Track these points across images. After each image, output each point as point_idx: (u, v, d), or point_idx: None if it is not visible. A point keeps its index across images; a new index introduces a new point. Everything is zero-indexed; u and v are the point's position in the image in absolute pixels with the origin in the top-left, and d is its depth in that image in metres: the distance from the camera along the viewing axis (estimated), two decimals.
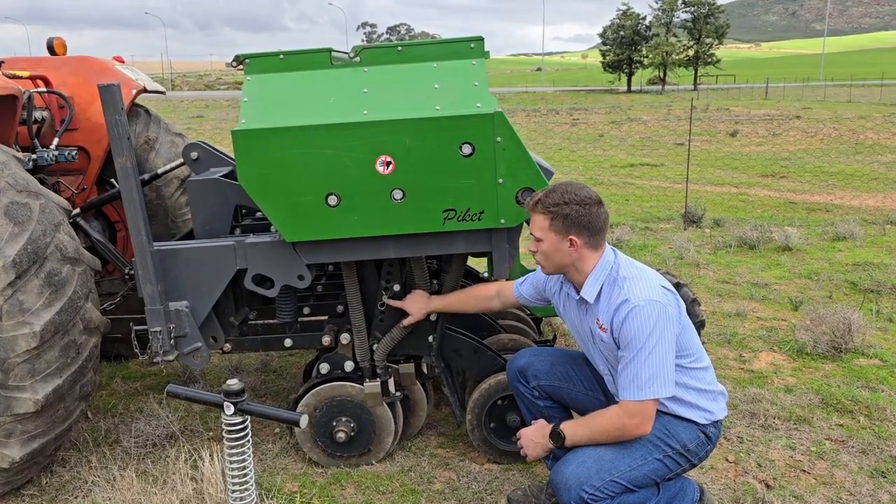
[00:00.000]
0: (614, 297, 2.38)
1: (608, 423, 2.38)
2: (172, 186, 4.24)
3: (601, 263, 2.45)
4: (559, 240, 2.41)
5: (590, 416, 2.46)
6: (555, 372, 2.77)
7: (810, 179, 11.61)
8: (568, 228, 2.39)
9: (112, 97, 2.58)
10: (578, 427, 2.47)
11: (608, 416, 2.39)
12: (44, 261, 2.69)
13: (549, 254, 2.46)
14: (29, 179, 2.80)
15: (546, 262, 2.50)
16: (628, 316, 2.31)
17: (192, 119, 27.23)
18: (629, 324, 2.30)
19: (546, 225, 2.42)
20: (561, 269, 2.50)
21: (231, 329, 3.14)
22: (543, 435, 2.55)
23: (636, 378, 2.30)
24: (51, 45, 4.15)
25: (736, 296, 5.48)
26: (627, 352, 2.32)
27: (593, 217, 2.39)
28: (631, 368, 2.31)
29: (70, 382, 2.80)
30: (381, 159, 2.65)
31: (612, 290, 2.40)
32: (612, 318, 2.37)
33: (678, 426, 2.43)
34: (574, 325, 2.64)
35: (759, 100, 41.44)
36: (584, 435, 2.43)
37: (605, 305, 2.42)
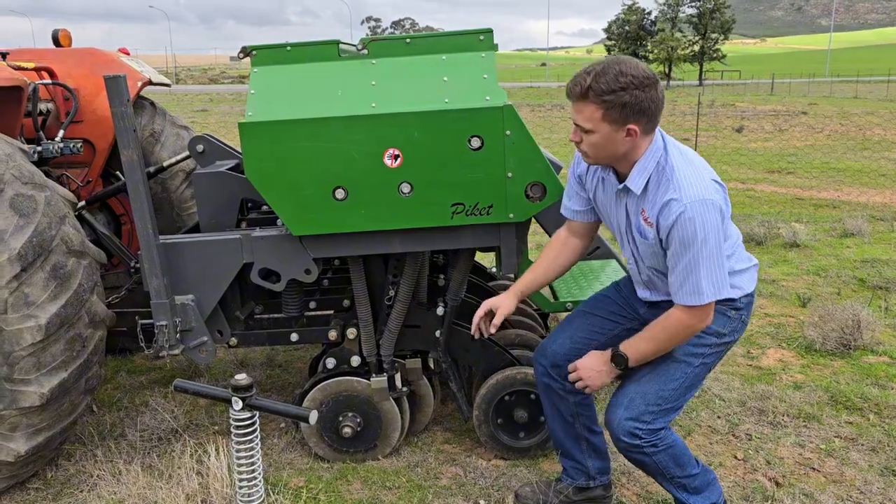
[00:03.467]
0: (662, 191, 2.18)
1: (672, 331, 2.26)
2: (178, 179, 4.23)
3: (650, 150, 2.20)
4: (614, 130, 2.13)
5: (649, 329, 2.31)
6: (576, 342, 2.59)
7: (817, 175, 11.55)
8: (626, 118, 2.11)
9: (118, 89, 2.56)
10: (640, 343, 2.32)
11: (670, 324, 2.26)
12: (49, 253, 2.67)
13: (600, 145, 2.18)
14: (34, 171, 2.78)
15: (595, 154, 2.23)
16: (680, 218, 2.11)
17: (197, 112, 27.21)
18: (681, 226, 2.12)
19: (599, 115, 2.12)
20: (612, 160, 2.25)
21: (237, 323, 3.12)
22: (604, 361, 2.39)
23: (696, 283, 2.16)
24: (56, 36, 4.13)
25: None
26: (681, 255, 2.15)
27: (654, 101, 2.11)
28: (687, 272, 2.16)
29: (75, 376, 2.78)
30: (389, 152, 2.63)
31: (661, 181, 2.19)
32: (658, 215, 2.18)
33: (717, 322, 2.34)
34: (605, 207, 2.45)
35: (765, 95, 41.28)
36: (649, 349, 2.31)
37: (652, 198, 2.21)
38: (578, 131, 2.21)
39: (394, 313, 3.03)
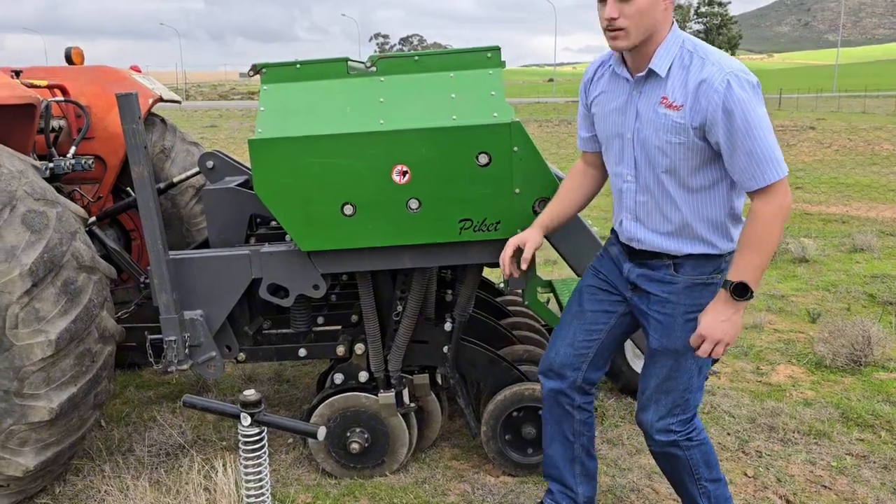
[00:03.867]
0: (694, 70, 2.07)
1: (773, 224, 2.06)
2: (188, 195, 4.26)
3: (672, 33, 2.13)
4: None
5: (746, 240, 2.09)
6: (577, 347, 2.49)
7: (826, 190, 11.52)
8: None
9: (130, 106, 2.59)
10: (748, 260, 2.08)
11: (763, 220, 2.06)
12: (60, 269, 2.69)
13: (645, 12, 2.05)
14: (46, 188, 2.81)
15: (637, 25, 2.07)
16: (730, 87, 2.00)
17: (206, 128, 27.39)
18: (733, 95, 2.00)
19: None
20: (648, 32, 2.10)
21: (245, 338, 3.13)
22: (726, 305, 2.11)
23: (772, 154, 2.02)
24: (69, 54, 4.18)
25: (752, 308, 5.42)
26: (744, 130, 2.01)
27: None
28: (759, 147, 2.01)
29: (85, 391, 2.79)
30: (398, 169, 2.65)
31: (690, 63, 2.09)
32: (693, 95, 2.05)
33: (704, 295, 2.23)
34: (606, 121, 2.32)
35: (773, 110, 41.24)
36: (760, 260, 2.08)
37: (679, 80, 2.09)
38: (615, 4, 2.06)
39: (401, 329, 3.04)
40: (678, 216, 2.21)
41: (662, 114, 2.12)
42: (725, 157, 2.09)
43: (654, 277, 2.30)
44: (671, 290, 2.27)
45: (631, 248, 2.36)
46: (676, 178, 2.18)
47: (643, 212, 2.28)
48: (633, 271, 2.36)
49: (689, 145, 2.11)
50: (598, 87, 2.35)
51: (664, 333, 2.30)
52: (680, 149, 2.13)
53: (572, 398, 2.54)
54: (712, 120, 2.04)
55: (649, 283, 2.32)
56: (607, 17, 2.08)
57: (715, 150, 2.12)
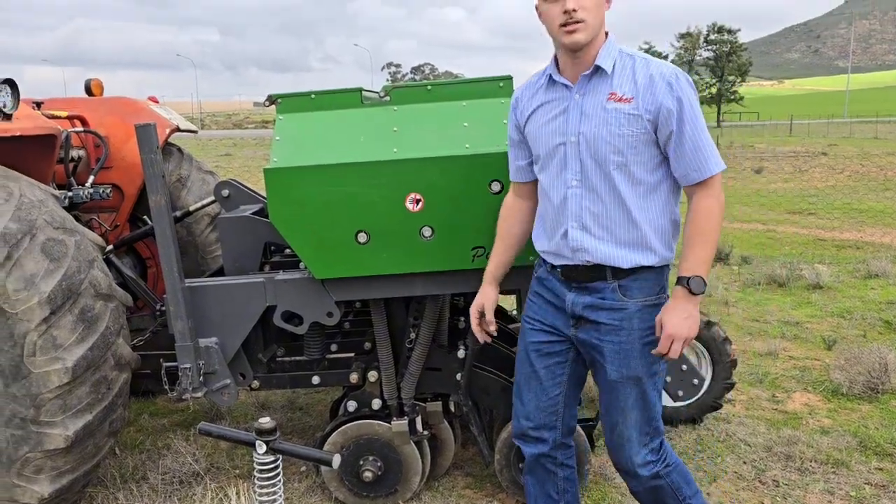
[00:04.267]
0: (640, 67, 2.16)
1: (714, 215, 2.15)
2: (203, 223, 4.30)
3: (610, 38, 2.21)
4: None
5: (692, 235, 2.15)
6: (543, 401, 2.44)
7: (839, 216, 11.47)
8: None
9: (148, 137, 2.64)
10: (696, 254, 2.14)
11: (705, 212, 2.15)
12: (78, 297, 2.72)
13: (599, 5, 2.13)
14: (65, 217, 2.85)
15: (592, 20, 2.11)
16: (678, 78, 2.12)
17: (221, 157, 27.70)
18: (682, 86, 2.11)
19: None
20: (598, 30, 2.16)
21: (259, 366, 3.14)
22: (683, 301, 2.14)
23: (711, 149, 2.14)
24: (88, 86, 4.27)
25: (767, 335, 5.38)
26: (690, 121, 2.11)
27: None
28: (700, 140, 2.12)
29: (100, 418, 2.80)
30: (411, 197, 2.67)
31: (634, 62, 2.17)
32: (644, 86, 2.12)
33: (655, 316, 2.21)
34: (541, 130, 2.29)
35: (784, 136, 41.24)
36: (707, 252, 2.15)
37: (626, 77, 2.16)
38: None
39: (414, 356, 3.04)
40: (626, 219, 2.20)
41: (612, 108, 2.15)
42: (672, 149, 2.15)
43: (602, 306, 2.25)
44: (622, 316, 2.23)
45: (569, 272, 2.30)
46: (626, 174, 2.18)
47: (590, 217, 2.23)
48: (577, 302, 2.29)
49: (640, 137, 2.15)
50: (534, 103, 2.34)
51: (623, 363, 2.25)
52: (631, 141, 2.15)
53: (555, 457, 2.50)
54: (667, 111, 2.11)
55: (597, 313, 2.26)
56: (569, 9, 2.09)
57: (660, 149, 2.19)
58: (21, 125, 2.84)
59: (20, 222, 2.64)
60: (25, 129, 2.86)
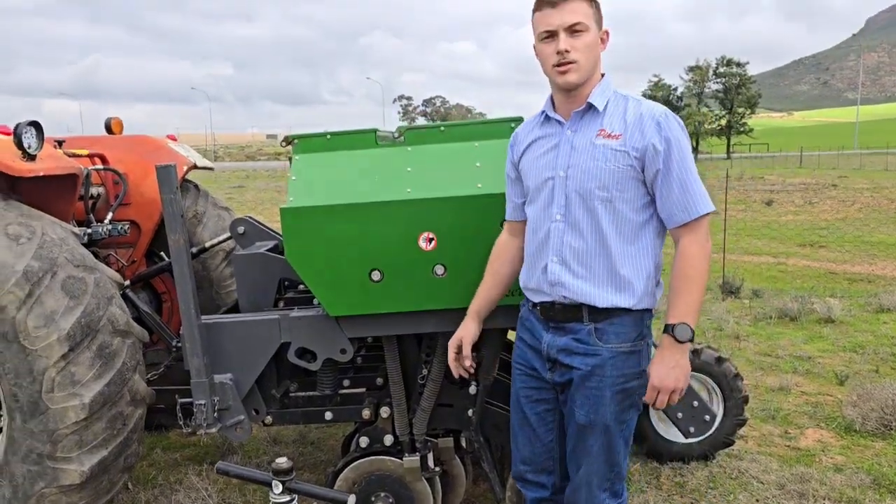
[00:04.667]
0: (632, 106, 2.20)
1: (700, 259, 2.13)
2: (218, 259, 4.36)
3: (605, 78, 2.26)
4: (597, 32, 2.19)
5: (678, 281, 2.14)
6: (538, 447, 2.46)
7: (850, 249, 11.44)
8: (600, 19, 2.20)
9: (168, 177, 2.70)
10: (683, 300, 2.12)
11: (691, 257, 2.13)
12: (96, 333, 2.77)
13: (591, 47, 2.16)
14: (85, 254, 2.91)
15: (586, 60, 2.16)
16: (667, 118, 2.15)
17: (234, 189, 27.96)
18: (671, 125, 2.14)
19: (590, 12, 2.16)
20: (592, 70, 2.20)
21: (273, 401, 3.17)
22: (670, 351, 2.13)
23: (699, 189, 2.14)
24: (108, 124, 4.37)
25: (778, 369, 5.37)
26: (678, 161, 2.12)
27: None
28: (687, 180, 2.13)
29: (115, 454, 2.84)
30: (424, 236, 2.72)
31: (627, 102, 2.22)
32: (633, 124, 2.15)
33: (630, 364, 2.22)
34: (535, 165, 2.33)
35: (794, 168, 41.26)
36: (694, 298, 2.12)
37: (616, 115, 2.20)
38: (567, 38, 2.14)
39: (427, 392, 3.06)
40: (606, 257, 2.19)
41: (601, 144, 2.19)
42: (659, 188, 2.16)
43: (576, 350, 2.24)
44: (596, 362, 2.22)
45: (547, 311, 2.30)
46: (610, 210, 2.18)
47: (570, 253, 2.23)
48: (552, 345, 2.30)
49: (626, 173, 2.16)
50: (528, 139, 2.40)
51: (592, 408, 2.23)
52: (616, 176, 2.17)
53: (558, 500, 2.49)
54: (654, 149, 2.13)
55: (571, 357, 2.26)
56: (561, 50, 2.15)
57: (647, 188, 2.19)
58: (45, 165, 2.91)
59: (42, 260, 2.71)
60: (49, 169, 2.93)
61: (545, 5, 2.17)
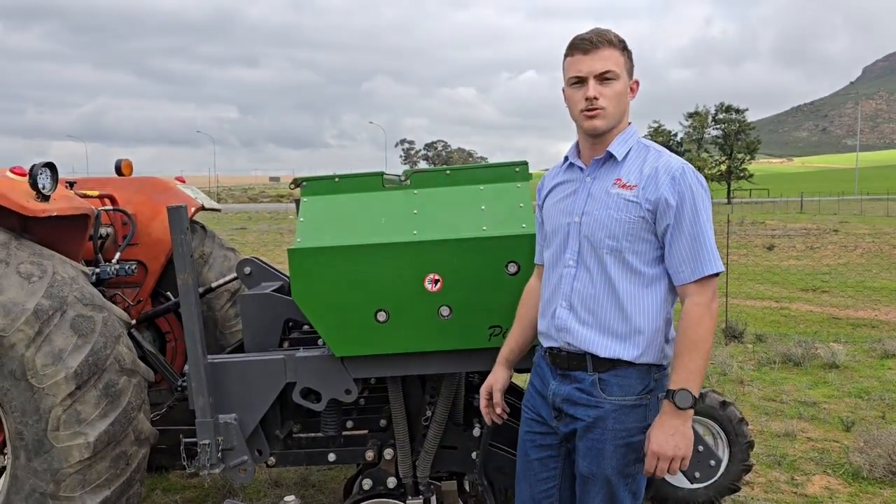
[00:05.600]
0: (651, 158, 2.19)
1: (704, 321, 2.08)
2: (223, 299, 4.39)
3: (631, 127, 2.26)
4: (627, 81, 2.20)
5: (680, 343, 2.10)
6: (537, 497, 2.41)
7: (853, 294, 11.44)
8: (632, 68, 2.21)
9: (179, 218, 2.75)
10: (684, 364, 2.07)
11: (694, 318, 2.09)
12: (103, 372, 2.78)
13: (620, 96, 2.18)
14: (94, 293, 2.94)
15: (614, 109, 2.18)
16: (684, 173, 2.12)
17: (236, 231, 28.09)
18: (687, 180, 2.11)
19: (622, 61, 2.17)
20: (620, 118, 2.21)
21: (276, 442, 3.16)
22: (670, 417, 2.07)
23: (711, 249, 2.09)
24: (118, 166, 4.44)
25: (783, 415, 5.33)
26: (691, 218, 2.10)
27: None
28: (699, 238, 2.09)
29: (118, 494, 2.82)
30: (430, 277, 2.75)
31: (648, 153, 2.21)
32: (648, 177, 2.14)
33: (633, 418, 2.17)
34: (555, 210, 2.35)
35: (795, 213, 41.45)
36: (697, 362, 2.07)
37: (634, 165, 2.19)
38: (596, 85, 2.15)
39: (430, 434, 3.05)
40: (614, 307, 2.17)
41: (615, 193, 2.18)
42: (668, 242, 2.13)
43: (579, 401, 2.22)
44: (598, 414, 2.19)
45: (555, 357, 2.30)
46: (620, 260, 2.17)
47: (578, 299, 2.22)
48: (558, 393, 2.28)
49: (637, 224, 2.15)
50: (552, 183, 2.43)
51: (594, 461, 2.20)
52: (627, 227, 2.15)
53: None
54: (665, 203, 2.11)
55: (574, 408, 2.24)
56: (590, 97, 2.16)
57: (659, 242, 2.16)
58: (58, 205, 2.96)
59: (52, 299, 2.74)
60: (62, 209, 2.98)
61: (577, 51, 2.18)
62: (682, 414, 2.06)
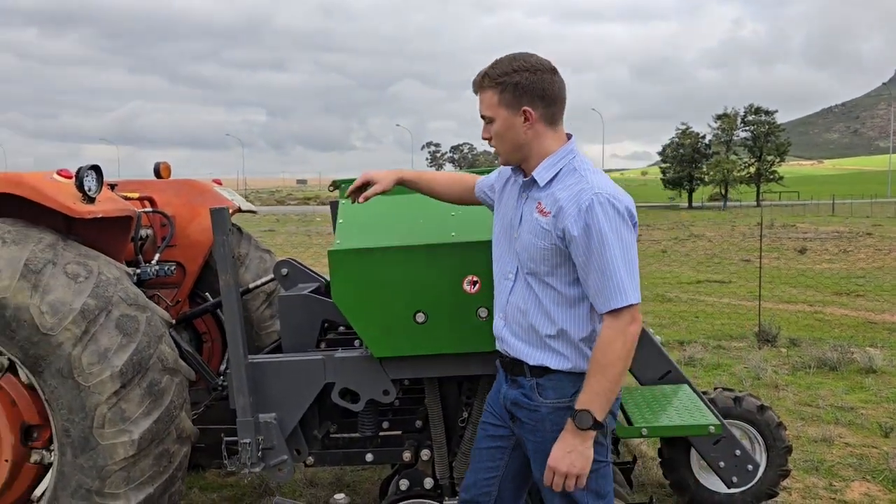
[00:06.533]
0: (570, 184, 2.16)
1: (615, 346, 2.06)
2: (258, 300, 4.43)
3: (563, 150, 2.22)
4: (511, 115, 2.19)
5: (590, 365, 2.11)
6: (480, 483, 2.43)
7: (889, 298, 11.22)
8: (520, 99, 2.17)
9: (222, 220, 2.79)
10: (591, 386, 2.09)
11: (605, 343, 2.08)
12: (146, 371, 2.84)
13: (503, 134, 2.22)
14: (138, 293, 3.00)
15: (502, 146, 2.25)
16: (592, 204, 2.07)
17: (265, 233, 28.37)
18: (594, 213, 2.06)
19: (496, 100, 2.20)
20: (518, 150, 2.24)
21: (314, 442, 3.19)
22: (572, 436, 2.10)
23: (619, 282, 2.04)
24: (157, 169, 4.51)
25: (820, 420, 5.26)
26: (598, 250, 2.06)
27: (547, 84, 2.18)
28: (606, 271, 2.06)
29: (161, 491, 2.87)
30: (469, 279, 2.76)
31: (567, 178, 2.18)
32: (561, 205, 2.13)
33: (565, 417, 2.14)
34: (502, 217, 2.40)
35: (826, 216, 40.79)
36: (603, 385, 2.08)
37: (553, 191, 2.18)
38: (486, 126, 2.26)
39: (468, 435, 3.06)
40: (544, 321, 2.21)
41: (535, 219, 2.21)
42: (581, 275, 2.14)
43: (522, 404, 2.27)
44: (536, 417, 2.24)
45: (502, 360, 2.38)
46: (541, 282, 2.21)
47: (511, 312, 2.30)
48: (507, 396, 2.34)
49: (552, 250, 2.17)
50: (508, 182, 2.43)
51: (541, 462, 2.21)
52: (543, 253, 2.18)
53: None
54: (570, 236, 2.11)
55: (520, 411, 2.29)
56: (482, 138, 2.29)
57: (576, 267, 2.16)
58: (103, 207, 3.03)
59: (98, 299, 2.80)
60: (107, 211, 3.05)
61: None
62: (581, 434, 2.10)
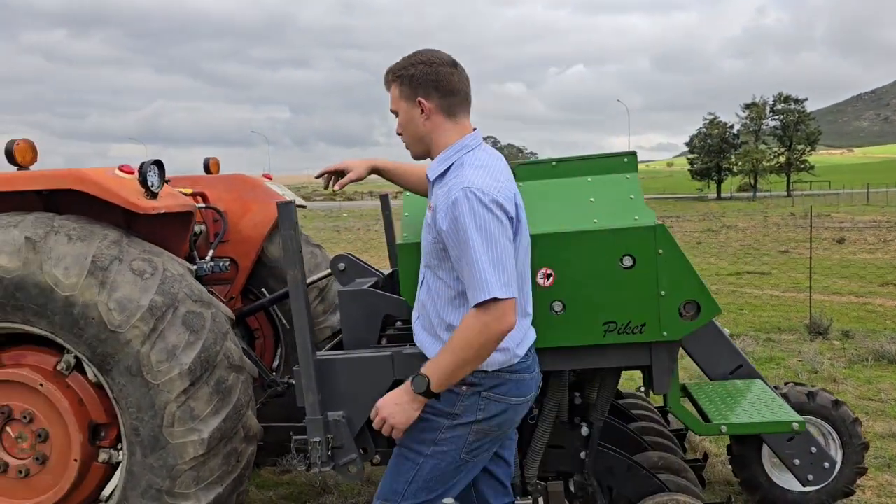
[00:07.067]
0: (451, 178, 2.20)
1: (466, 333, 2.11)
2: (311, 295, 4.37)
3: (458, 144, 2.27)
4: (410, 107, 2.28)
5: (448, 341, 2.19)
6: None
7: None
8: (415, 90, 2.26)
9: (288, 214, 2.72)
10: (439, 357, 2.18)
11: (464, 327, 2.13)
12: (214, 368, 2.79)
13: (405, 126, 2.32)
14: (201, 289, 2.95)
15: (406, 138, 2.36)
16: (458, 200, 2.10)
17: None
18: (458, 208, 2.09)
19: (397, 93, 2.30)
20: (420, 142, 2.32)
21: (381, 440, 3.12)
22: (405, 391, 2.23)
23: (481, 276, 2.06)
24: (207, 164, 4.49)
25: (885, 414, 5.09)
26: (463, 243, 2.09)
27: (442, 76, 2.24)
28: (471, 264, 2.08)
29: (229, 491, 2.83)
30: (542, 272, 2.67)
31: (455, 172, 2.21)
32: (439, 199, 2.18)
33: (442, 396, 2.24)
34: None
35: (861, 206, 39.97)
36: (448, 362, 2.14)
37: (441, 186, 2.23)
38: (397, 119, 2.34)
39: (538, 432, 2.98)
40: (436, 314, 2.31)
41: (428, 214, 2.29)
42: (457, 269, 2.18)
43: None
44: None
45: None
46: (434, 275, 2.30)
47: (418, 305, 2.42)
48: None
49: (437, 245, 2.23)
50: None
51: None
52: (430, 248, 2.27)
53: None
54: (441, 229, 2.17)
55: None
56: (396, 133, 2.39)
57: None
58: (166, 203, 2.99)
59: (164, 295, 2.75)
60: (169, 206, 3.00)
61: None
62: (411, 393, 2.21)
